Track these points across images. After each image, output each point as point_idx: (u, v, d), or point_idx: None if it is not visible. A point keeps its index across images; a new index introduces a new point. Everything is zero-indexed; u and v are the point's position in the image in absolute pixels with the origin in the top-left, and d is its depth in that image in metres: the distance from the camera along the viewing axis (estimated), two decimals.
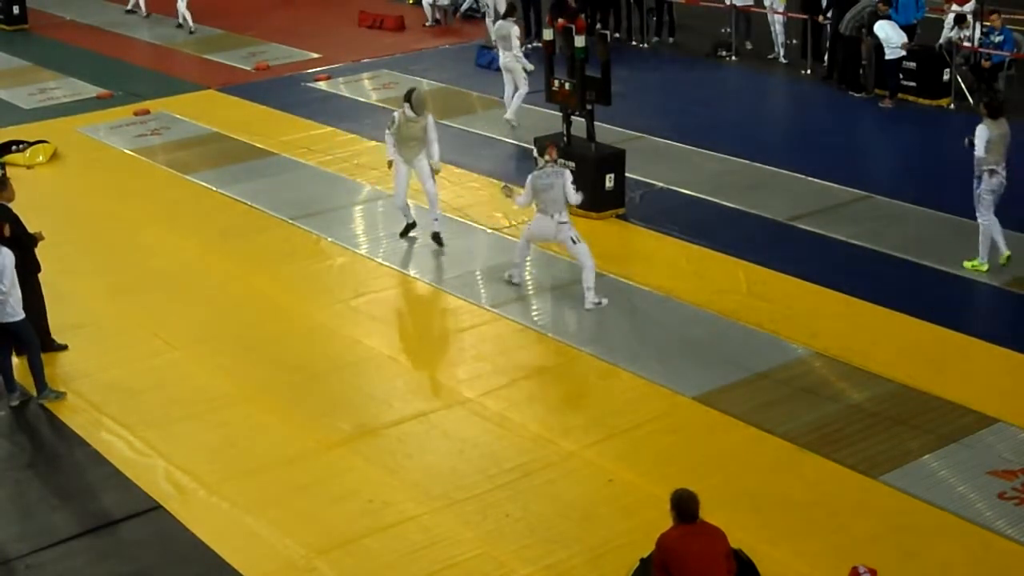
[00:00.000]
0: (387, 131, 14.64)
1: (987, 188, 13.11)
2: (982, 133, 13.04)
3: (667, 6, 24.32)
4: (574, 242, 12.97)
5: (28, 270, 11.85)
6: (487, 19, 24.50)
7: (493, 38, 20.19)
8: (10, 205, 12.09)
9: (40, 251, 12.27)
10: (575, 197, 12.96)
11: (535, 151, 13.35)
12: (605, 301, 12.95)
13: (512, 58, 19.38)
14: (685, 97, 21.09)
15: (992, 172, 13.04)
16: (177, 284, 14.22)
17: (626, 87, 18.93)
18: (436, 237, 14.75)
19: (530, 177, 13.08)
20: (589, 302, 12.94)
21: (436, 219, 14.75)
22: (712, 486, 8.86)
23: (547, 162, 13.06)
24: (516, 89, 19.41)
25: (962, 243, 14.11)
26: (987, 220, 13.24)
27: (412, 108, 14.34)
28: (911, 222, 14.92)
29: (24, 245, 11.89)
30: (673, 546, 7.35)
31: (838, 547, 8.95)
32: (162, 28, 28.33)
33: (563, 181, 12.85)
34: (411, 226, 14.99)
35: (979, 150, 13.02)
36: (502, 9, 24.37)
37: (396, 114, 14.57)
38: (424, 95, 14.86)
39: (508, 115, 19.33)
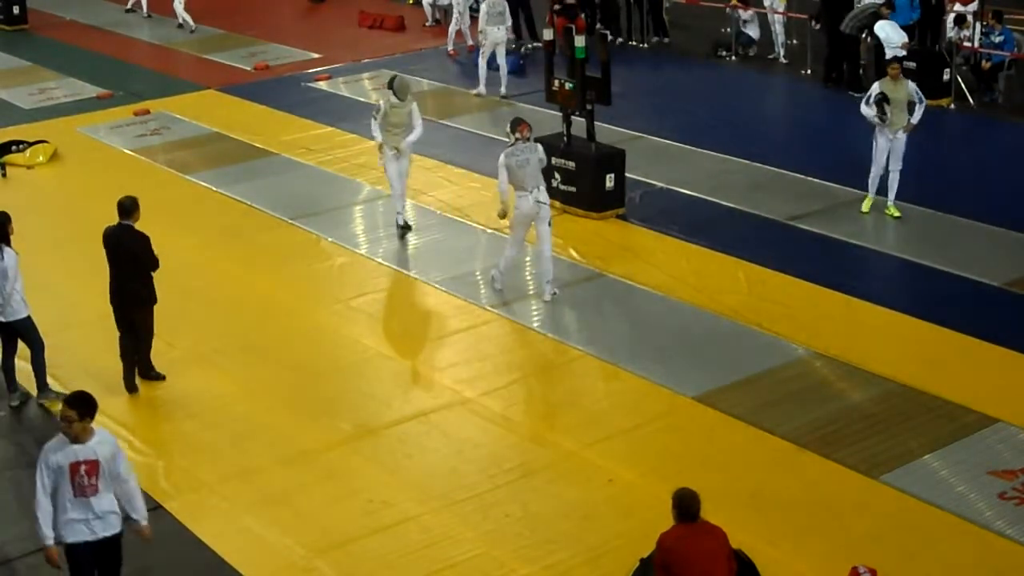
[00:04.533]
0: (373, 120, 14.84)
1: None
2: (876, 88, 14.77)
3: (654, 7, 24.31)
4: (549, 225, 13.04)
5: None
6: (455, 23, 24.14)
7: (483, 17, 20.84)
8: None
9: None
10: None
11: (508, 128, 13.32)
12: (558, 291, 13.19)
13: (506, 32, 20.87)
14: (685, 97, 21.09)
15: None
16: (177, 284, 14.18)
17: (626, 87, 18.92)
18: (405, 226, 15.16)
19: (503, 156, 12.90)
20: (548, 294, 13.13)
21: (399, 212, 15.15)
22: (712, 486, 8.84)
23: (518, 139, 13.04)
24: (495, 60, 20.76)
25: (963, 243, 14.14)
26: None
27: (396, 94, 14.67)
28: (911, 222, 14.90)
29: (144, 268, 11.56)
30: (674, 546, 7.34)
31: (838, 547, 8.95)
32: (163, 29, 28.33)
33: (538, 155, 12.99)
34: (405, 228, 15.17)
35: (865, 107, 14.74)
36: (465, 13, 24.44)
37: (381, 102, 14.92)
38: (407, 80, 15.21)
39: (503, 90, 20.79)
